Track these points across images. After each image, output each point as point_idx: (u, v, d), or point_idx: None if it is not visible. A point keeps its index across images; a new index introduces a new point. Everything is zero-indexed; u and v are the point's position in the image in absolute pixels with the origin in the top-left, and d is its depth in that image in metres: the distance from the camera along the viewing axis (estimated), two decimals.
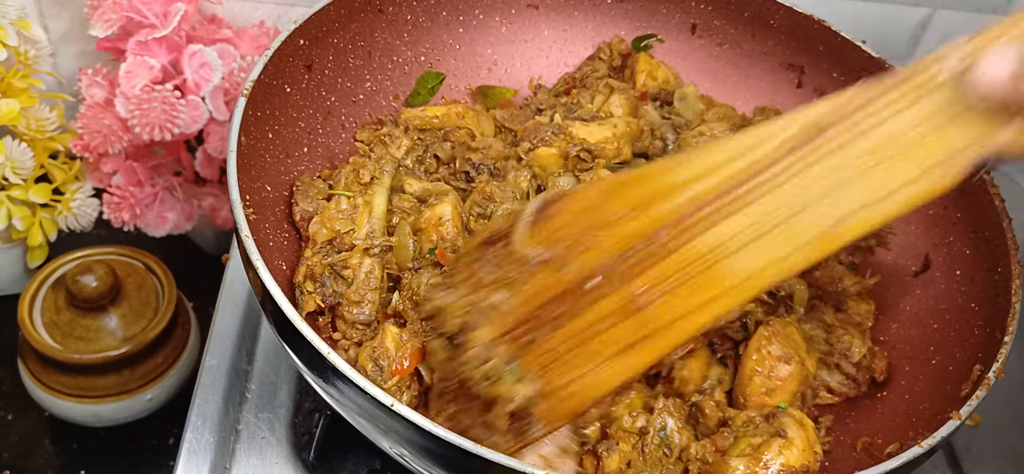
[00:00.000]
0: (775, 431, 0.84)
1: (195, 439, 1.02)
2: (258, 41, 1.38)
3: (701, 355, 0.91)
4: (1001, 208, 0.97)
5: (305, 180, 0.98)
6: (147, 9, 1.27)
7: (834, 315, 1.00)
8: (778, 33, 1.21)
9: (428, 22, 1.17)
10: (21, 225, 1.37)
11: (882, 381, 0.97)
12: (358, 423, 0.80)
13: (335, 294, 0.89)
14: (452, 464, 0.73)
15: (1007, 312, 0.89)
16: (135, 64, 1.25)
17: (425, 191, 0.99)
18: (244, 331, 1.13)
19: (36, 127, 1.33)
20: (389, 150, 1.03)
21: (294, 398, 1.08)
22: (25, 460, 1.35)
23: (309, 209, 0.96)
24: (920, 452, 0.77)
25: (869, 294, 1.04)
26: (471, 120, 1.11)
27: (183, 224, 1.46)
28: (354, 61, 1.10)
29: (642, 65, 1.20)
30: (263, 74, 0.94)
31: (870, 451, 0.90)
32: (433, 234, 0.93)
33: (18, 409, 1.39)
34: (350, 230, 0.94)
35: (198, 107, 1.29)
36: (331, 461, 1.02)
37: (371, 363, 0.84)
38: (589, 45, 1.26)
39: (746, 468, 0.81)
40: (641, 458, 0.83)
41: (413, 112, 1.09)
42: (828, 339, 0.98)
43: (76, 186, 1.40)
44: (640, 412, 0.85)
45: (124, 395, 1.30)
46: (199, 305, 1.46)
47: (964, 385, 0.87)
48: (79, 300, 1.27)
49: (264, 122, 0.96)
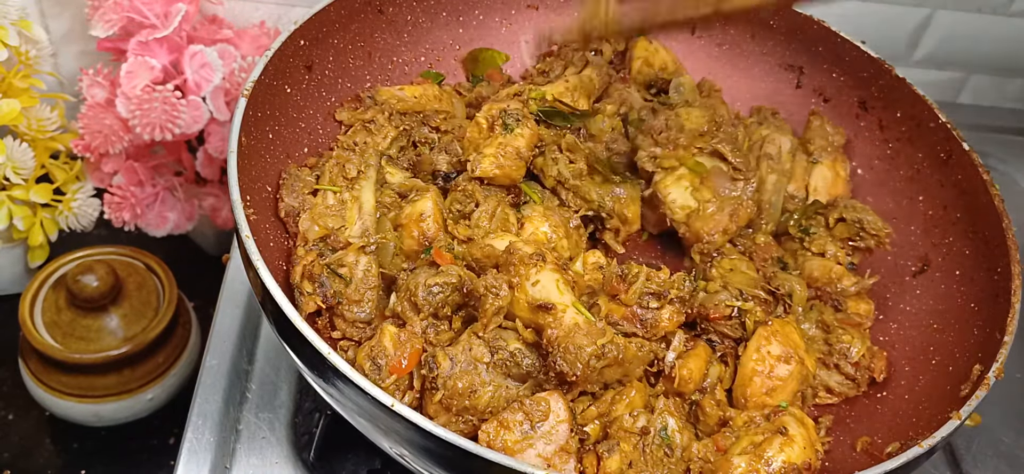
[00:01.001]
0: (776, 429, 0.84)
1: (196, 439, 1.02)
2: (259, 41, 1.38)
3: (701, 353, 0.91)
4: (1001, 208, 0.97)
5: (292, 171, 0.97)
6: (148, 9, 1.28)
7: (833, 315, 1.00)
8: (778, 34, 1.21)
9: (428, 23, 1.18)
10: (22, 225, 1.37)
11: (882, 381, 0.98)
12: (358, 423, 0.80)
13: (336, 294, 0.89)
14: (452, 464, 0.73)
15: (1007, 312, 0.89)
16: (136, 64, 1.25)
17: (405, 186, 0.99)
18: (245, 331, 1.14)
19: (37, 127, 1.33)
20: (374, 139, 1.03)
21: (294, 398, 1.08)
22: (26, 460, 1.35)
23: (294, 204, 0.95)
24: (920, 452, 0.77)
25: (868, 294, 1.04)
26: (446, 103, 1.11)
27: (184, 224, 1.46)
28: (354, 62, 1.10)
29: (638, 51, 1.19)
30: (264, 74, 0.94)
31: (870, 451, 0.90)
32: (414, 230, 0.93)
33: (19, 409, 1.40)
34: (341, 227, 0.94)
35: (199, 107, 1.29)
36: (331, 461, 1.02)
37: (369, 362, 0.84)
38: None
39: (748, 465, 0.81)
40: (642, 458, 0.82)
41: (390, 91, 1.09)
42: (827, 339, 0.98)
43: (77, 186, 1.40)
44: (641, 412, 0.85)
45: (125, 395, 1.30)
46: (200, 305, 1.46)
47: (964, 385, 0.87)
48: (80, 300, 1.27)
49: (265, 122, 0.96)
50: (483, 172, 0.98)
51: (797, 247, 1.07)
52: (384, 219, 0.96)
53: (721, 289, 0.95)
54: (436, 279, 0.87)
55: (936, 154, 1.08)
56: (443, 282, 0.87)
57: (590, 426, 0.85)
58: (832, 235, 1.07)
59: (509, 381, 0.84)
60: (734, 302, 0.94)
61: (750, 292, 0.95)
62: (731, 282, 0.96)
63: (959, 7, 1.58)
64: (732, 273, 0.98)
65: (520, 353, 0.83)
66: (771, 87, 1.23)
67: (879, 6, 1.56)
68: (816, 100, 1.21)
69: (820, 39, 1.18)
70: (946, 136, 1.07)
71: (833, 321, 0.99)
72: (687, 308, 0.93)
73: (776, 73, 1.23)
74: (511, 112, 1.00)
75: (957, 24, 1.60)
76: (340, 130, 1.07)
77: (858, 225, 1.05)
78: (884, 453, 0.87)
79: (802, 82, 1.21)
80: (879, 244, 1.05)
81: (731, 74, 1.25)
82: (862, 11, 1.56)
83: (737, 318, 0.94)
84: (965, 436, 1.16)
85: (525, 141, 1.00)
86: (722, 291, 0.95)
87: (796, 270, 1.04)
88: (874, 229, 1.05)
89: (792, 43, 1.20)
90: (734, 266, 0.99)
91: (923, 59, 1.65)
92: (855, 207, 1.07)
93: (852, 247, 1.06)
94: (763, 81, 1.23)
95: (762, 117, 1.17)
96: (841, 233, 1.07)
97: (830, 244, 1.06)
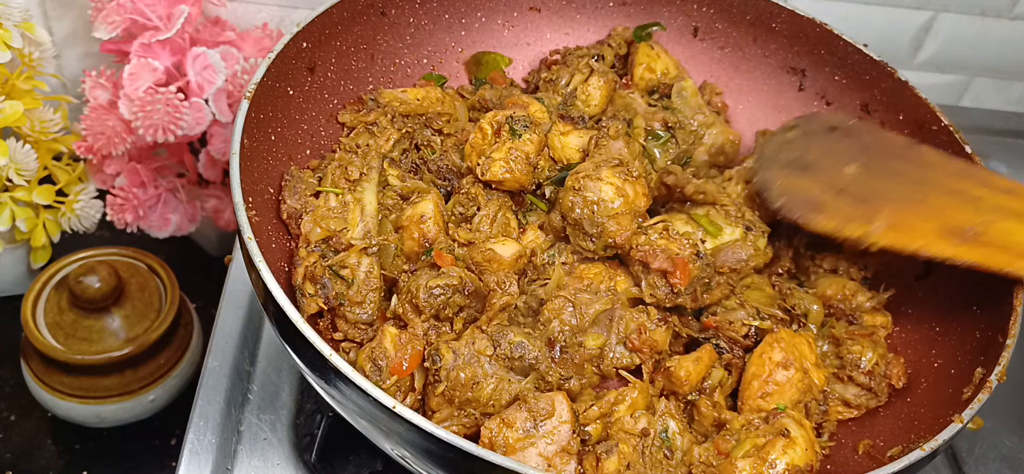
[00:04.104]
0: (778, 431, 0.84)
1: (197, 440, 1.02)
2: (261, 43, 1.38)
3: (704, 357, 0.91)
4: None
5: (294, 173, 0.97)
6: (151, 11, 1.28)
7: (844, 328, 0.99)
8: (780, 36, 1.21)
9: (430, 25, 1.18)
10: (25, 226, 1.37)
11: (901, 388, 0.96)
12: (360, 425, 0.80)
13: (338, 296, 0.89)
14: (454, 466, 0.73)
15: (1009, 315, 0.89)
16: (139, 66, 1.25)
17: (407, 188, 0.99)
18: (246, 332, 1.14)
19: (40, 129, 1.34)
20: (376, 142, 1.03)
21: (296, 399, 1.08)
22: (27, 461, 1.35)
23: (296, 206, 0.95)
24: (922, 455, 0.77)
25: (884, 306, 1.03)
26: (449, 105, 1.11)
27: (186, 226, 1.46)
28: (357, 63, 1.10)
29: (640, 58, 1.19)
30: (266, 76, 0.94)
31: (872, 454, 0.90)
32: (414, 232, 0.93)
33: (21, 410, 1.40)
34: (343, 228, 0.94)
35: (201, 109, 1.29)
36: (333, 462, 1.02)
37: (370, 363, 0.85)
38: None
39: (752, 469, 0.81)
40: (641, 460, 0.82)
41: (393, 93, 1.09)
42: (838, 352, 0.97)
43: (80, 188, 1.41)
44: (642, 413, 0.85)
45: (126, 396, 1.30)
46: (202, 306, 1.46)
47: (966, 388, 0.87)
48: (82, 301, 1.27)
49: (267, 124, 0.96)
50: (492, 176, 0.98)
51: (809, 264, 1.06)
52: (385, 221, 0.96)
53: (738, 307, 0.95)
54: (437, 281, 0.87)
55: None
56: (444, 284, 0.87)
57: (592, 426, 0.85)
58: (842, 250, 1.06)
59: (512, 374, 0.84)
60: (751, 321, 0.93)
61: (767, 311, 0.95)
62: (748, 300, 0.95)
63: (962, 10, 1.58)
64: (749, 290, 0.97)
65: (522, 346, 0.84)
66: (773, 90, 1.23)
67: (882, 9, 1.56)
68: (818, 103, 1.21)
69: (822, 42, 1.18)
70: (948, 139, 1.06)
71: (843, 334, 0.98)
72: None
73: (778, 76, 1.23)
74: (518, 118, 1.00)
75: (960, 27, 1.60)
76: (342, 132, 1.07)
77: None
78: (886, 456, 0.87)
79: (805, 85, 1.21)
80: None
81: (733, 77, 1.24)
82: (865, 14, 1.56)
83: (754, 336, 0.94)
84: (967, 439, 1.16)
85: (534, 146, 1.00)
86: (739, 309, 0.94)
87: (811, 289, 1.03)
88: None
89: (794, 46, 1.20)
90: (751, 283, 0.98)
91: (926, 62, 1.65)
92: None
93: (864, 261, 1.05)
94: (765, 84, 1.23)
95: (766, 140, 1.16)
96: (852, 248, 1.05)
97: (842, 260, 1.04)
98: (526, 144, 0.99)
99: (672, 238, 0.92)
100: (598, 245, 0.93)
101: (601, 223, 0.92)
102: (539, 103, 1.06)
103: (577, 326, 0.87)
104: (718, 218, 0.98)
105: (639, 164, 0.99)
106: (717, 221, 0.97)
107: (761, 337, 0.93)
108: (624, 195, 0.93)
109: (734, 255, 0.97)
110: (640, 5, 1.24)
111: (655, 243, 0.91)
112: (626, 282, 0.94)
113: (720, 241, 0.97)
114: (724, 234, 0.97)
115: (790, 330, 0.94)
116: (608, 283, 0.93)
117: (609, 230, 0.92)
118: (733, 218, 0.98)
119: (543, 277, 0.94)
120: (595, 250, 0.94)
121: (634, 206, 0.94)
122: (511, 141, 0.99)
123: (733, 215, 0.98)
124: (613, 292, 0.91)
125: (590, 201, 0.92)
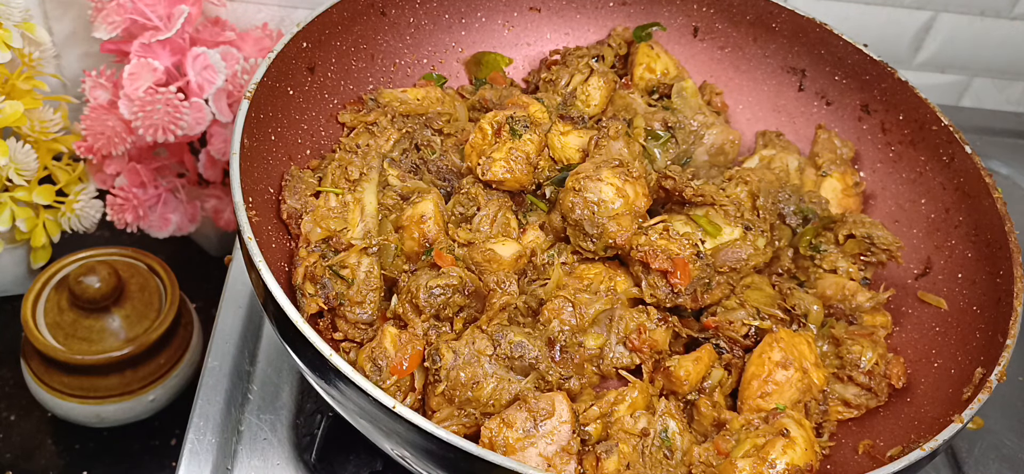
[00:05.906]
0: (777, 431, 0.84)
1: (197, 440, 1.02)
2: (261, 43, 1.38)
3: (704, 356, 0.91)
4: (1003, 211, 0.97)
5: (294, 173, 0.97)
6: (151, 11, 1.28)
7: (844, 329, 1.00)
8: (780, 36, 1.21)
9: (430, 25, 1.18)
10: (25, 226, 1.37)
11: (901, 388, 0.96)
12: (360, 425, 0.80)
13: (338, 295, 0.89)
14: (454, 466, 0.73)
15: (1009, 315, 0.89)
16: (139, 66, 1.25)
17: (407, 188, 0.99)
18: (246, 332, 1.14)
19: (40, 129, 1.34)
20: (376, 142, 1.03)
21: (296, 399, 1.08)
22: (27, 461, 1.35)
23: (296, 206, 0.96)
24: (922, 455, 0.77)
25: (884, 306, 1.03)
26: (449, 105, 1.11)
27: (186, 226, 1.46)
28: (357, 63, 1.11)
29: (640, 58, 1.19)
30: (266, 76, 0.94)
31: (872, 454, 0.90)
32: (414, 232, 0.93)
33: (21, 410, 1.40)
34: (344, 228, 0.94)
35: (201, 109, 1.29)
36: (333, 462, 1.02)
37: (370, 363, 0.85)
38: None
39: (751, 469, 0.81)
40: (641, 460, 0.82)
41: (393, 93, 1.09)
42: (838, 353, 0.97)
43: (80, 188, 1.41)
44: (642, 413, 0.85)
45: (126, 396, 1.30)
46: (202, 306, 1.46)
47: (966, 388, 0.87)
48: (82, 301, 1.27)
49: (267, 124, 0.96)
50: (493, 176, 0.98)
51: (809, 264, 1.06)
52: (386, 221, 0.96)
53: (738, 307, 0.95)
54: (437, 281, 0.87)
55: (938, 157, 1.08)
56: (444, 284, 0.87)
57: (592, 426, 0.85)
58: (843, 251, 1.06)
59: (512, 374, 0.84)
60: (751, 321, 0.93)
61: (767, 311, 0.95)
62: (748, 300, 0.96)
63: (962, 10, 1.58)
64: (749, 290, 0.97)
65: (522, 346, 0.84)
66: (773, 90, 1.23)
67: (882, 9, 1.56)
68: (818, 103, 1.21)
69: (822, 42, 1.18)
70: (948, 139, 1.07)
71: (843, 335, 0.98)
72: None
73: (778, 76, 1.23)
74: (519, 118, 1.00)
75: (960, 27, 1.60)
76: (342, 132, 1.07)
77: (868, 241, 1.05)
78: (886, 456, 0.87)
79: (804, 85, 1.21)
80: (890, 258, 1.05)
81: (733, 77, 1.25)
82: (864, 14, 1.56)
83: (754, 336, 0.94)
84: (967, 439, 1.16)
85: (534, 146, 1.00)
86: (739, 309, 0.95)
87: (811, 288, 1.03)
88: (884, 244, 1.04)
89: (794, 46, 1.20)
90: (751, 283, 0.98)
91: (926, 62, 1.65)
92: (863, 222, 1.06)
93: (864, 262, 1.06)
94: (765, 84, 1.23)
95: (767, 140, 1.17)
96: (851, 249, 1.05)
97: (841, 260, 1.05)
98: (526, 144, 0.99)
99: (672, 238, 0.92)
100: (598, 245, 0.93)
101: (601, 223, 0.92)
102: (539, 103, 1.06)
103: (577, 326, 0.88)
104: (717, 218, 0.98)
105: (639, 164, 1.00)
106: (716, 221, 0.97)
107: (761, 337, 0.93)
108: (624, 196, 0.93)
109: (734, 255, 0.97)
110: (640, 5, 1.24)
111: (655, 243, 0.91)
112: (626, 282, 0.95)
113: (720, 241, 0.97)
114: (723, 234, 0.97)
115: (790, 330, 0.94)
116: (608, 283, 0.93)
117: (609, 230, 0.92)
118: (732, 218, 0.98)
119: (543, 277, 0.94)
120: (595, 250, 0.94)
121: (634, 206, 0.94)
122: (511, 141, 0.99)
123: (732, 215, 0.98)
124: (613, 292, 0.92)
125: (590, 202, 0.92)
